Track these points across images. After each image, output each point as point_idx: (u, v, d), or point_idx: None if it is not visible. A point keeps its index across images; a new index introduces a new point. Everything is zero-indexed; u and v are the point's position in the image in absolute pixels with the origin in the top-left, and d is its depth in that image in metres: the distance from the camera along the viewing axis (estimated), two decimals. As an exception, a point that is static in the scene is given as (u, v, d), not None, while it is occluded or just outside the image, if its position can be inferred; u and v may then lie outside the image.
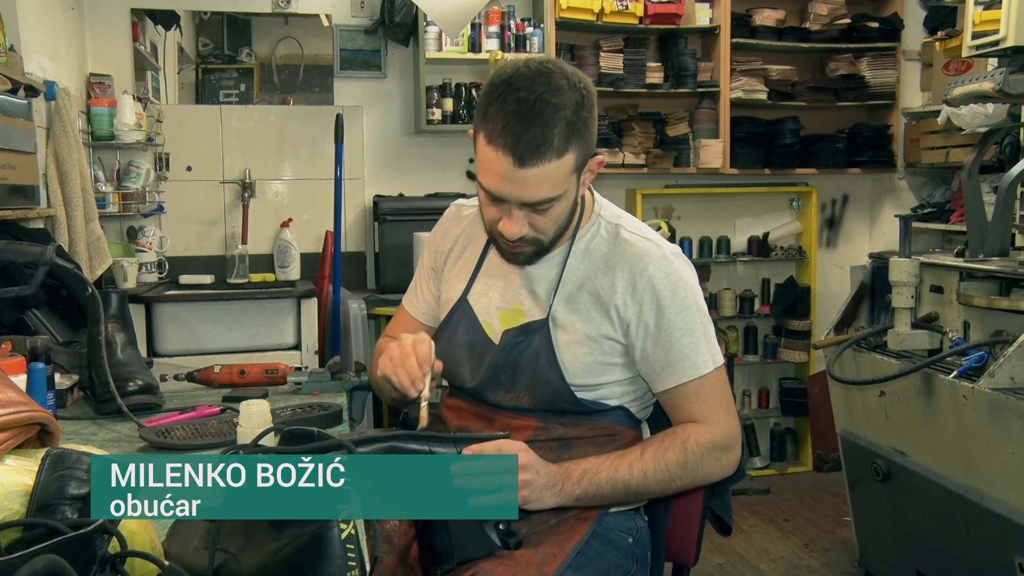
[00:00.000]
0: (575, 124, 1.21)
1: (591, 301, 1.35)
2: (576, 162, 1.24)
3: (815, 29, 3.90)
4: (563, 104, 1.20)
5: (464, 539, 1.21)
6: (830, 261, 4.26)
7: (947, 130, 3.50)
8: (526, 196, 1.24)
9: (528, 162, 1.20)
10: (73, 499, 0.76)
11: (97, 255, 2.86)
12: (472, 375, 1.41)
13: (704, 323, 1.34)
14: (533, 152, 1.19)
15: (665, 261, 1.34)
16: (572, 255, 1.37)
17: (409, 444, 1.18)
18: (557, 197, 1.25)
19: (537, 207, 1.26)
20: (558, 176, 1.22)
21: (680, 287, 1.33)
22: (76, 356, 1.77)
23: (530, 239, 1.30)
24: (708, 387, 1.33)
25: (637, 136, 3.78)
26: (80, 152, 2.82)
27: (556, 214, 1.28)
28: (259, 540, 0.87)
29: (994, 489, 2.21)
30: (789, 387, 4.12)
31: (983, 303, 2.35)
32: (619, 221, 1.40)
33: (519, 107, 1.19)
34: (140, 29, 3.54)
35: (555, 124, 1.19)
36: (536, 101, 1.19)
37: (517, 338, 1.37)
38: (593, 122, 1.26)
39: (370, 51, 3.77)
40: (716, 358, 1.34)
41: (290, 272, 3.56)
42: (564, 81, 1.22)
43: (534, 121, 1.19)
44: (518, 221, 1.27)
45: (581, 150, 1.24)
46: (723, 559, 3.14)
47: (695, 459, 1.31)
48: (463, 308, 1.43)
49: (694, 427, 1.33)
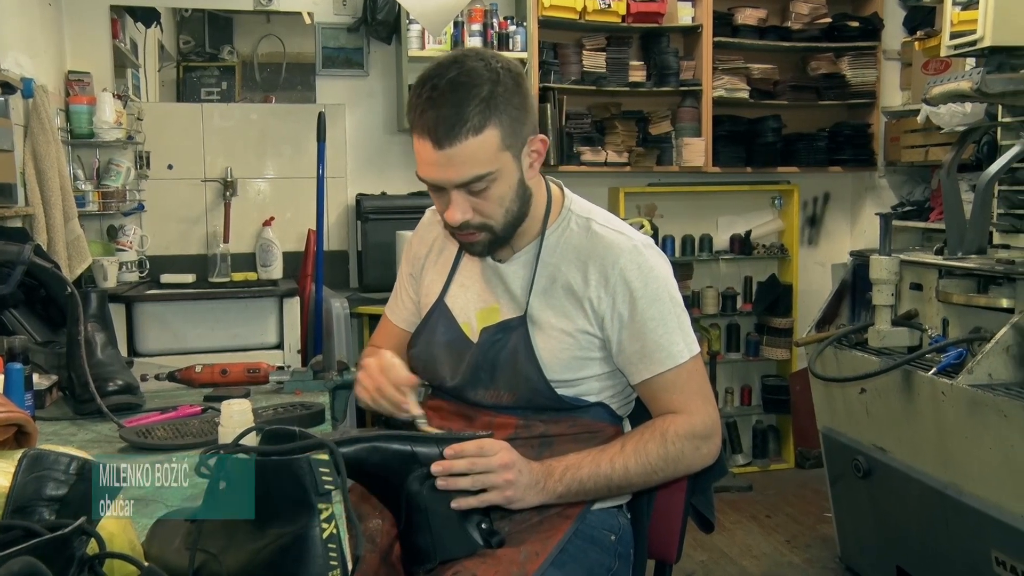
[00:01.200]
0: (492, 101, 1.21)
1: (566, 296, 1.35)
2: (502, 139, 1.24)
3: (796, 28, 3.93)
4: (476, 83, 1.21)
5: (446, 538, 1.20)
6: (812, 259, 4.29)
7: (926, 129, 3.53)
8: (453, 177, 1.24)
9: (446, 142, 1.21)
10: (51, 500, 0.76)
11: (76, 254, 2.83)
12: (452, 374, 1.41)
13: (678, 313, 1.35)
14: (448, 131, 1.20)
15: (636, 252, 1.34)
16: (544, 250, 1.38)
17: (391, 444, 1.17)
18: (488, 175, 1.25)
19: (471, 188, 1.26)
20: (482, 154, 1.23)
21: (652, 278, 1.33)
22: (55, 356, 1.76)
23: (478, 224, 1.30)
24: (685, 376, 1.34)
25: (620, 134, 3.79)
26: (59, 150, 2.79)
27: (498, 195, 1.28)
28: (240, 540, 0.87)
29: (972, 484, 2.23)
30: (771, 384, 4.14)
31: (961, 300, 2.38)
32: (589, 215, 1.40)
33: (432, 92, 1.22)
34: (120, 26, 3.51)
35: (468, 102, 1.20)
36: (448, 84, 1.21)
37: (495, 336, 1.37)
38: (522, 101, 1.26)
39: (352, 49, 3.75)
40: (692, 347, 1.35)
41: (272, 271, 3.54)
42: (479, 63, 1.23)
43: (447, 102, 1.20)
44: (458, 205, 1.27)
45: (506, 127, 1.24)
46: (706, 556, 3.15)
47: (676, 450, 1.32)
48: (440, 309, 1.44)
49: (673, 418, 1.33)
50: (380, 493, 1.25)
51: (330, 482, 0.84)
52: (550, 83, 3.65)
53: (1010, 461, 2.08)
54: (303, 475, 0.83)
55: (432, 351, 1.43)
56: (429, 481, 1.18)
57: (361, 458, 1.15)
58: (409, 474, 1.18)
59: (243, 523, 0.87)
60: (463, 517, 1.22)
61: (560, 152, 3.68)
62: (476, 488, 1.20)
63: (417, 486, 1.18)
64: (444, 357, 1.42)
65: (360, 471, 1.17)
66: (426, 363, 1.45)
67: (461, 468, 1.19)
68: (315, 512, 0.83)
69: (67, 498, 0.76)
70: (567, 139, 3.70)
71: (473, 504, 1.21)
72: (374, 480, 1.21)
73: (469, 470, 1.19)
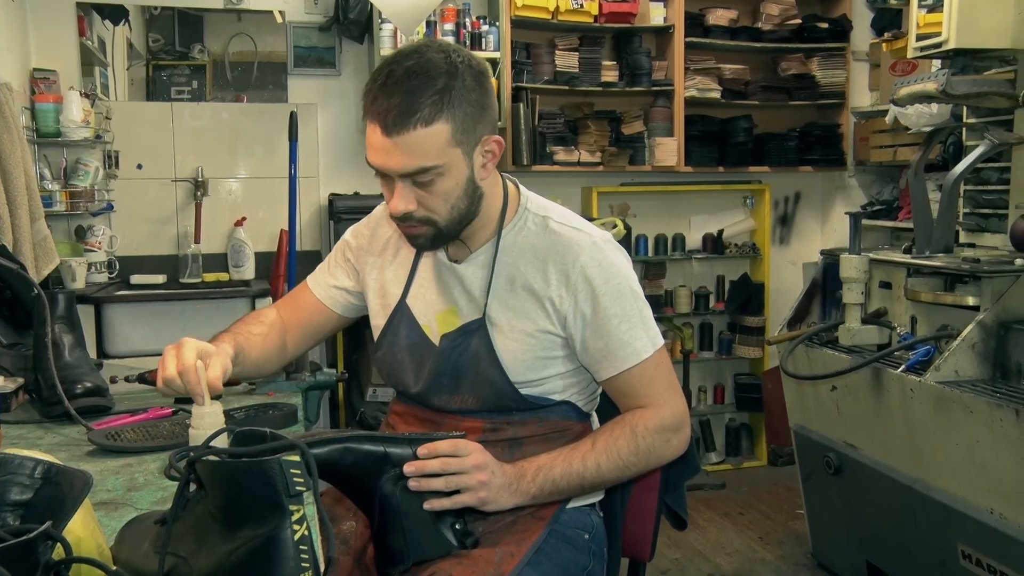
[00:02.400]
0: (446, 94, 1.20)
1: (526, 296, 1.34)
2: (452, 134, 1.22)
3: (767, 29, 3.96)
4: (432, 75, 1.20)
5: (420, 539, 1.20)
6: (783, 258, 4.33)
7: (895, 129, 3.57)
8: (399, 165, 1.22)
9: (394, 130, 1.20)
10: (15, 505, 0.74)
11: (43, 255, 2.79)
12: (415, 380, 1.40)
13: (640, 307, 1.35)
14: (398, 119, 1.19)
15: (596, 249, 1.33)
16: (501, 250, 1.36)
17: (364, 445, 1.17)
18: (434, 168, 1.22)
19: (416, 179, 1.24)
20: (430, 146, 1.21)
21: (613, 274, 1.33)
22: (21, 358, 1.72)
23: (421, 217, 1.28)
24: (651, 370, 1.34)
25: (592, 134, 3.80)
26: (24, 149, 2.75)
27: (443, 190, 1.26)
28: (211, 543, 0.86)
29: (939, 479, 2.26)
30: (744, 383, 4.17)
31: (929, 298, 2.41)
32: (547, 213, 1.39)
33: (387, 79, 1.20)
34: (87, 23, 3.46)
35: (422, 92, 1.19)
36: (404, 72, 1.20)
37: (455, 341, 1.35)
38: (480, 98, 1.24)
39: (324, 48, 3.73)
40: (656, 340, 1.35)
41: (244, 271, 3.51)
42: (438, 55, 1.22)
43: (400, 90, 1.19)
44: (402, 195, 1.25)
45: (458, 123, 1.22)
46: (679, 554, 3.17)
47: (646, 445, 1.32)
48: (402, 311, 1.42)
49: (642, 412, 1.34)
50: (353, 495, 1.25)
51: (301, 483, 0.83)
52: (523, 83, 3.66)
53: (975, 456, 2.11)
54: (274, 476, 0.82)
55: (395, 355, 1.42)
56: (402, 482, 1.18)
57: (334, 459, 1.14)
58: (382, 475, 1.17)
59: (213, 526, 0.86)
60: (437, 518, 1.21)
61: (533, 152, 3.68)
62: (450, 489, 1.20)
63: (390, 487, 1.18)
64: (407, 362, 1.41)
65: (333, 472, 1.16)
66: (390, 367, 1.44)
67: (434, 468, 1.18)
68: (286, 514, 0.82)
69: (32, 502, 0.75)
70: (540, 139, 3.71)
71: (446, 505, 1.20)
72: (347, 481, 1.20)
73: (442, 470, 1.19)
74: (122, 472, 1.32)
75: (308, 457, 0.85)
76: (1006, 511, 2.07)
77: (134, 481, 1.28)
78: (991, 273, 2.21)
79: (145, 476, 1.30)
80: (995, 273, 2.21)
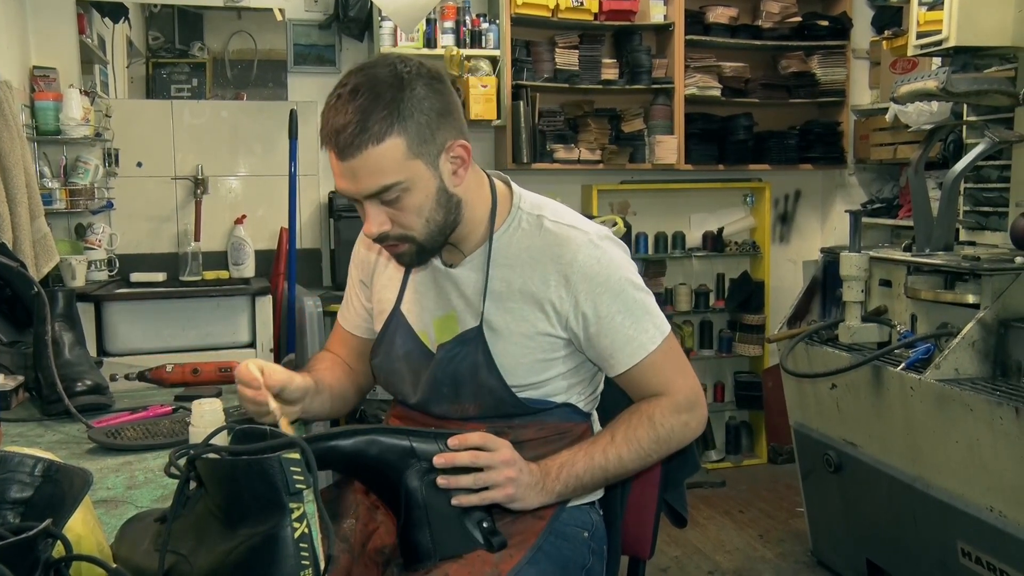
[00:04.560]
0: (395, 107, 1.16)
1: (524, 299, 1.32)
2: (408, 147, 1.18)
3: (767, 27, 3.96)
4: (378, 90, 1.17)
5: (446, 536, 1.18)
6: (783, 256, 4.33)
7: (895, 127, 3.57)
8: (360, 188, 1.20)
9: (347, 152, 1.17)
10: (15, 503, 0.74)
11: (43, 253, 2.79)
12: (413, 391, 1.39)
13: (642, 298, 1.33)
14: (348, 141, 1.16)
15: (593, 246, 1.32)
16: (495, 253, 1.33)
17: (390, 437, 1.16)
18: (396, 185, 1.19)
19: (383, 198, 1.21)
20: (386, 163, 1.18)
21: (612, 270, 1.31)
22: (21, 356, 1.73)
23: (397, 236, 1.26)
24: (661, 359, 1.33)
25: (592, 132, 3.80)
26: (24, 147, 2.75)
27: (414, 205, 1.22)
28: (211, 541, 0.86)
29: (939, 478, 2.27)
30: (744, 381, 4.17)
31: (929, 296, 2.41)
32: (541, 211, 1.36)
33: (336, 101, 1.18)
34: (87, 21, 3.46)
35: (369, 110, 1.16)
36: (350, 92, 1.17)
37: (453, 350, 1.34)
38: (437, 105, 1.20)
39: (324, 46, 3.73)
40: (662, 328, 1.34)
41: (244, 269, 3.51)
42: (384, 70, 1.19)
43: (347, 111, 1.16)
44: (373, 217, 1.23)
45: (413, 135, 1.18)
46: (679, 552, 3.17)
47: (665, 431, 1.32)
48: (397, 319, 1.41)
49: (657, 400, 1.34)
50: (379, 489, 1.24)
51: (301, 481, 0.83)
52: (523, 81, 3.65)
53: (975, 454, 2.11)
54: (274, 474, 0.82)
55: (392, 364, 1.41)
56: (428, 477, 1.17)
57: (360, 450, 1.14)
58: (407, 468, 1.16)
59: (214, 524, 0.86)
60: (464, 515, 1.20)
61: (533, 149, 3.68)
62: (478, 487, 1.19)
63: (416, 482, 1.16)
64: (404, 371, 1.40)
65: (358, 465, 1.16)
66: (388, 376, 1.43)
67: (464, 460, 1.18)
68: (286, 512, 0.82)
69: (32, 500, 0.75)
70: (540, 137, 3.71)
71: (474, 501, 1.19)
72: (373, 475, 1.19)
73: (473, 463, 1.18)
74: (122, 470, 1.32)
75: (308, 455, 0.85)
76: (1006, 509, 2.07)
77: (134, 479, 1.28)
78: (991, 271, 2.21)
79: (145, 474, 1.30)
80: (995, 271, 2.21)
